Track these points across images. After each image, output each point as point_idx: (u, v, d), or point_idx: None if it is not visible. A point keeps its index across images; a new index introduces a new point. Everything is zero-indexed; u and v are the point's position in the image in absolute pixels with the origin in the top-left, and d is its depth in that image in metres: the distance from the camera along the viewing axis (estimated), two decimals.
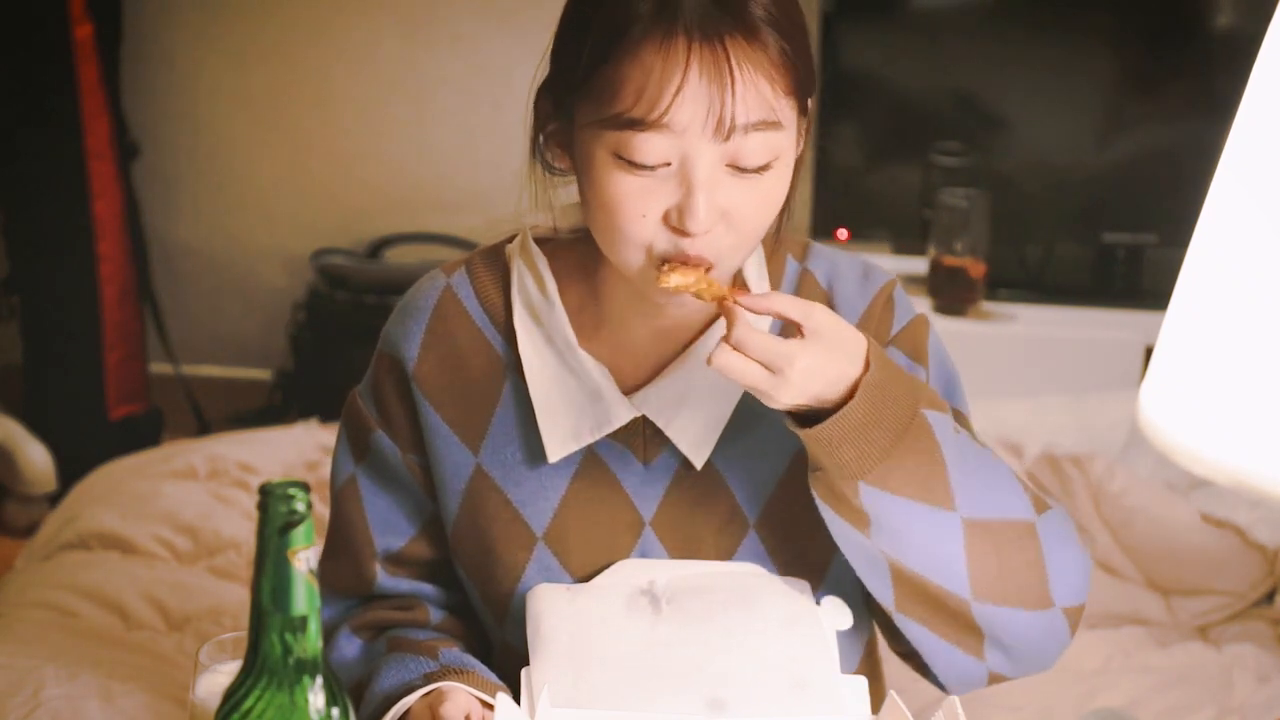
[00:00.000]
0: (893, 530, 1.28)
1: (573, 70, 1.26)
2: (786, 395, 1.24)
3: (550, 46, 1.30)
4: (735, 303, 1.24)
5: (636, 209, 1.24)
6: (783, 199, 1.29)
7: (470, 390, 1.39)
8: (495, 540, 1.39)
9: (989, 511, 1.31)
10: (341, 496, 1.45)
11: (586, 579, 1.38)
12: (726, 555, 1.39)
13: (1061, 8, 3.41)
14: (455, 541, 1.42)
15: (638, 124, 1.21)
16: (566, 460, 1.38)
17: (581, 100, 1.25)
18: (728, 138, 1.22)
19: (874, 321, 1.42)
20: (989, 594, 1.31)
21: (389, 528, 1.44)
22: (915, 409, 1.27)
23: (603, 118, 1.23)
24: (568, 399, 1.36)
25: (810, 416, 1.27)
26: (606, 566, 1.38)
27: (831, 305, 1.42)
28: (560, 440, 1.36)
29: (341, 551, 1.46)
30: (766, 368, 1.22)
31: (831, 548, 1.40)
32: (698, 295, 1.25)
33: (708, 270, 1.26)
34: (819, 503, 1.30)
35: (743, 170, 1.24)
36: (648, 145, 1.22)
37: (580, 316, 1.38)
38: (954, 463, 1.29)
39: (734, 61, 1.20)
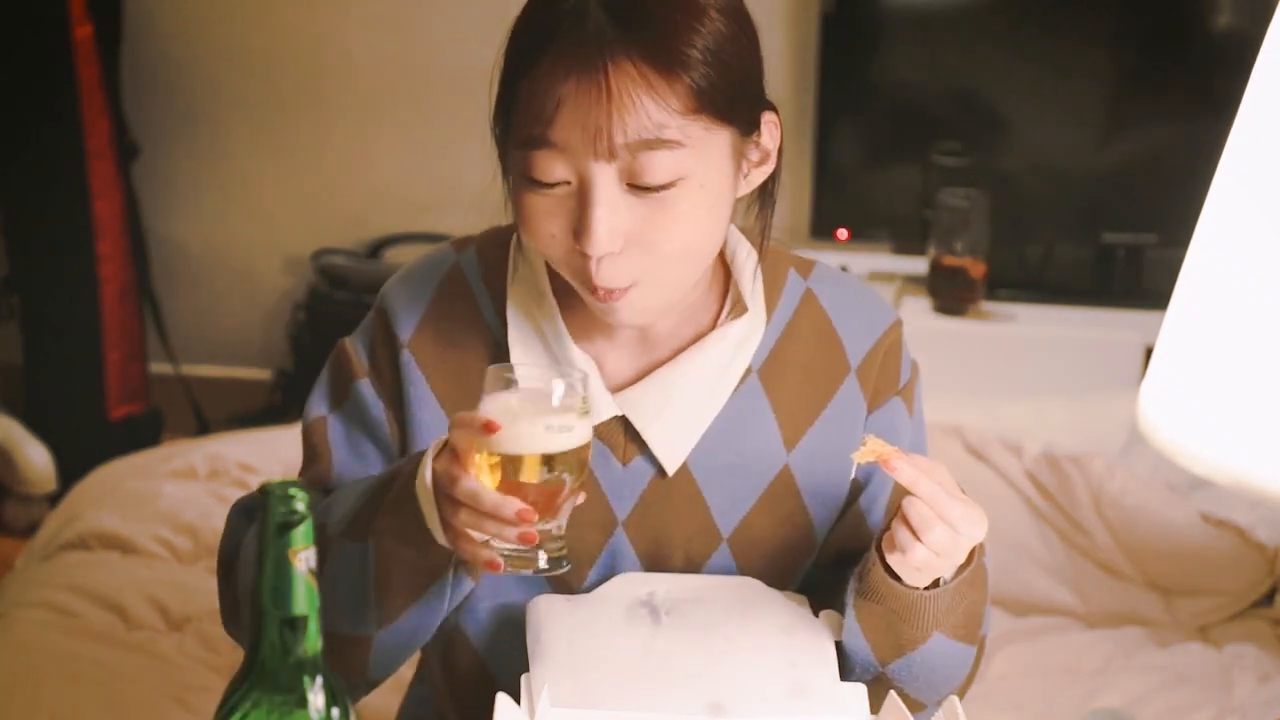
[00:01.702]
0: (923, 665, 1.32)
1: (501, 90, 1.29)
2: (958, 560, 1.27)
3: (497, 70, 1.31)
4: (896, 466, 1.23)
5: (545, 228, 1.26)
6: (702, 222, 1.27)
7: (464, 368, 1.39)
8: None
9: (984, 630, 1.37)
10: (310, 430, 1.43)
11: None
12: (696, 565, 1.39)
13: (1061, 8, 3.41)
14: None
15: (530, 140, 1.23)
16: None
17: (508, 119, 1.28)
18: (611, 157, 1.22)
19: (878, 364, 1.42)
20: (948, 694, 1.35)
21: (352, 478, 1.42)
22: (979, 553, 1.30)
23: (513, 134, 1.27)
24: None
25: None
26: (573, 559, 1.37)
27: (832, 330, 1.42)
28: None
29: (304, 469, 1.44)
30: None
31: (799, 568, 1.42)
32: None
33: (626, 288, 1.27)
34: (854, 626, 1.32)
35: (643, 189, 1.23)
36: (542, 162, 1.23)
37: (573, 313, 1.38)
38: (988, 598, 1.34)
39: (612, 81, 1.20)
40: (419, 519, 1.22)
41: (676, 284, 1.30)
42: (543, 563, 1.19)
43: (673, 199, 1.24)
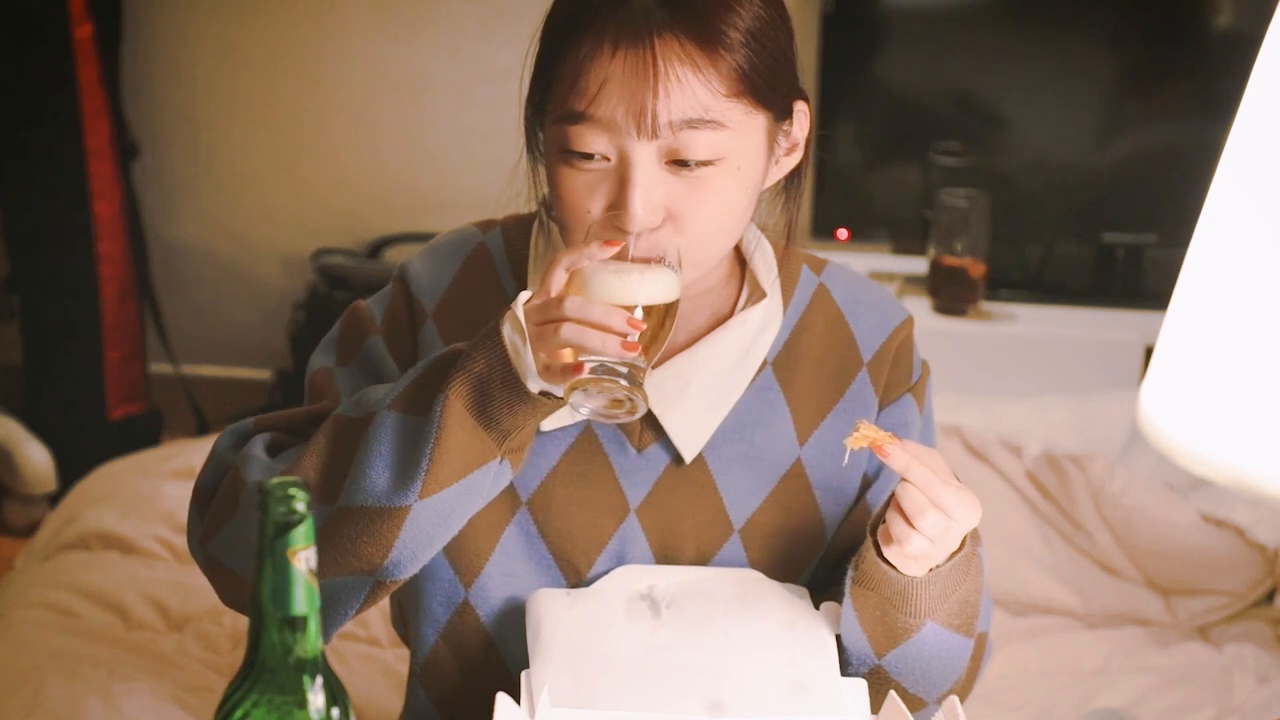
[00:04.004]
0: (918, 656, 1.32)
1: (538, 68, 1.30)
2: (951, 546, 1.27)
3: (534, 48, 1.32)
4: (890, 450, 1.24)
5: (581, 203, 1.27)
6: (737, 203, 1.29)
7: None
8: None
9: (983, 626, 1.38)
10: (314, 377, 1.40)
11: (562, 552, 1.38)
12: (706, 556, 1.39)
13: (1061, 7, 3.41)
14: None
15: (571, 116, 1.24)
16: (562, 433, 1.37)
17: (544, 97, 1.29)
18: (654, 135, 1.23)
19: (889, 360, 1.43)
20: (948, 693, 1.35)
21: None
22: (973, 543, 1.31)
23: (549, 111, 1.27)
24: None
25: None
26: (584, 543, 1.38)
27: (845, 326, 1.43)
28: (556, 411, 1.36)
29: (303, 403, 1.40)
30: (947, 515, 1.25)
31: (808, 562, 1.42)
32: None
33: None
34: (851, 615, 1.32)
35: (683, 165, 1.25)
36: (582, 137, 1.24)
37: None
38: (986, 589, 1.34)
39: (660, 60, 1.21)
40: (504, 365, 1.21)
41: (702, 263, 1.31)
42: (624, 381, 1.20)
43: (710, 178, 1.26)
